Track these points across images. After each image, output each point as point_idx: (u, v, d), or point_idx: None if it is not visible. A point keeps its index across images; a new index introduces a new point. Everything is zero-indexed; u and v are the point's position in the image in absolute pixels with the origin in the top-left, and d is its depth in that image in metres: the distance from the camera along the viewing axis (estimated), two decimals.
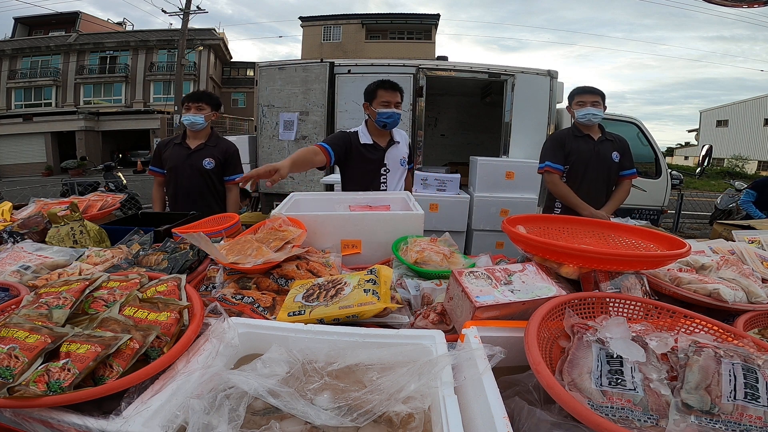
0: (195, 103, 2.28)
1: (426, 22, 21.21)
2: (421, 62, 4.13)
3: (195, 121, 2.28)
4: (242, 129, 6.64)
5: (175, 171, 2.32)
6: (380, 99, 1.98)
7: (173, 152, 2.34)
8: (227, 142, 2.43)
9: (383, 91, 1.99)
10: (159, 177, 2.42)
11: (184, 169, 2.30)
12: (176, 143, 2.36)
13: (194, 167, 2.29)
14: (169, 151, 2.35)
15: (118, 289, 0.82)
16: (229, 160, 2.36)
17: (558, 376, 0.61)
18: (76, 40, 22.41)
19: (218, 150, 2.34)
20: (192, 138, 2.35)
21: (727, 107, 26.58)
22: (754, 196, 3.70)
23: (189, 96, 2.33)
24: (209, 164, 2.30)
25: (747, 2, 3.06)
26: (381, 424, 0.57)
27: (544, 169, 2.45)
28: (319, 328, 0.78)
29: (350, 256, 1.37)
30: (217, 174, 2.34)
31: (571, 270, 0.94)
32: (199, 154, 2.30)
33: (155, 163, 2.42)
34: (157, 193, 2.46)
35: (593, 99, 2.31)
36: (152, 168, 2.44)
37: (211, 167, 2.30)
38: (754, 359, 0.58)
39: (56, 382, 0.57)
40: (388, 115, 1.98)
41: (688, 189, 8.94)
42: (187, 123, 2.30)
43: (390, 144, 2.09)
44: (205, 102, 2.31)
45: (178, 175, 2.31)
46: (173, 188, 2.35)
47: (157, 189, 2.46)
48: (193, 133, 2.35)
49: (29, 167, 18.55)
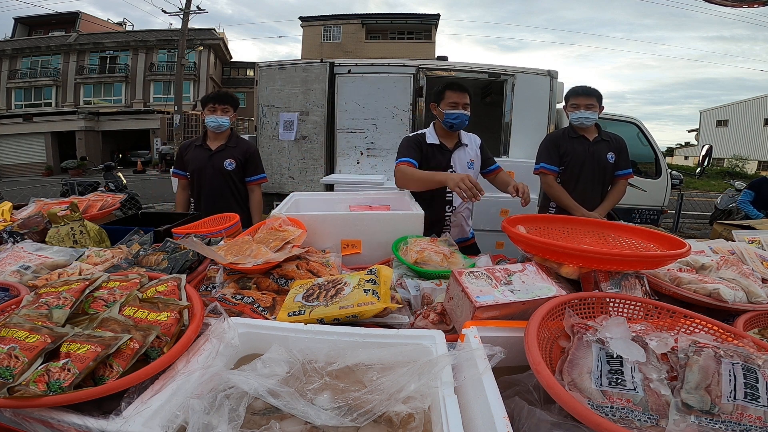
0: (221, 105, 2.24)
1: (426, 22, 21.21)
2: (421, 62, 4.13)
3: (221, 124, 2.25)
4: (242, 129, 6.65)
5: (197, 173, 2.30)
6: (448, 100, 1.96)
7: (194, 154, 2.32)
8: (247, 142, 2.40)
9: (451, 92, 1.96)
10: (182, 180, 2.40)
11: (206, 171, 2.28)
12: (197, 145, 2.34)
13: (215, 168, 2.28)
14: (190, 153, 2.33)
15: (118, 289, 0.82)
16: (249, 160, 2.34)
17: (558, 376, 0.61)
18: (76, 40, 22.42)
19: (239, 151, 2.32)
20: (212, 139, 2.32)
21: (727, 107, 26.57)
22: (752, 196, 3.71)
23: (212, 97, 2.28)
24: (230, 165, 2.28)
25: (747, 2, 3.06)
26: (381, 424, 0.57)
27: (540, 171, 2.46)
28: (319, 328, 0.78)
29: (350, 256, 1.37)
30: (238, 175, 2.32)
31: (571, 270, 0.94)
32: (220, 155, 2.28)
33: (178, 166, 2.41)
34: (181, 196, 2.44)
35: (587, 102, 2.31)
36: (175, 171, 2.42)
37: (232, 168, 2.28)
38: (754, 359, 0.58)
39: (56, 382, 0.57)
40: (455, 116, 1.95)
41: (688, 189, 8.94)
42: (214, 125, 2.26)
43: (457, 146, 2.04)
44: (229, 104, 2.28)
45: (200, 177, 2.30)
46: (197, 190, 2.34)
47: (180, 192, 2.44)
48: (213, 135, 2.32)
49: (29, 167, 18.54)
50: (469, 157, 2.07)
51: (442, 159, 2.01)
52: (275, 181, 4.30)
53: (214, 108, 2.24)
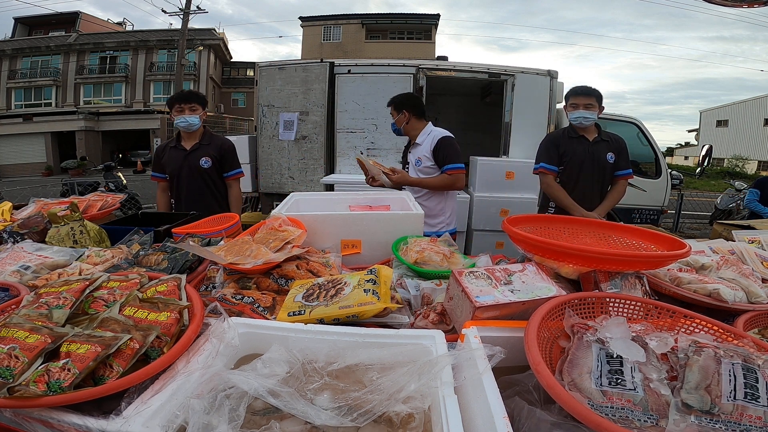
0: (188, 104, 2.25)
1: (426, 22, 21.21)
2: (421, 62, 4.13)
3: (192, 123, 2.26)
4: (242, 129, 6.64)
5: (175, 174, 2.32)
6: None
7: (170, 156, 2.33)
8: (221, 138, 2.42)
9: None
10: (162, 182, 2.42)
11: (183, 171, 2.30)
12: (172, 146, 2.35)
13: (192, 168, 2.29)
14: (166, 155, 2.35)
15: (118, 289, 0.82)
16: (225, 156, 2.35)
17: (558, 376, 0.61)
18: (76, 40, 22.41)
19: (213, 147, 2.33)
20: (186, 139, 2.33)
21: (727, 107, 26.56)
22: (758, 194, 3.69)
23: (178, 97, 2.28)
24: (206, 163, 2.29)
25: (747, 2, 3.06)
26: (381, 424, 0.57)
27: (539, 170, 2.46)
28: (319, 328, 0.78)
29: (350, 256, 1.37)
30: (215, 172, 2.33)
31: (571, 270, 0.94)
32: (195, 154, 2.29)
33: (156, 169, 2.42)
34: (161, 198, 2.46)
35: (587, 101, 2.31)
36: (154, 174, 2.44)
37: (208, 166, 2.30)
38: (754, 359, 0.58)
39: (56, 382, 0.57)
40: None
41: (688, 189, 8.94)
42: (184, 125, 2.27)
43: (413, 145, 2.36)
44: (196, 102, 2.29)
45: (178, 178, 2.31)
46: (176, 191, 2.36)
47: (160, 194, 2.46)
48: (187, 134, 2.33)
49: (29, 167, 18.55)
50: (418, 155, 2.32)
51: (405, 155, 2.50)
52: (275, 181, 4.30)
53: (182, 108, 2.25)
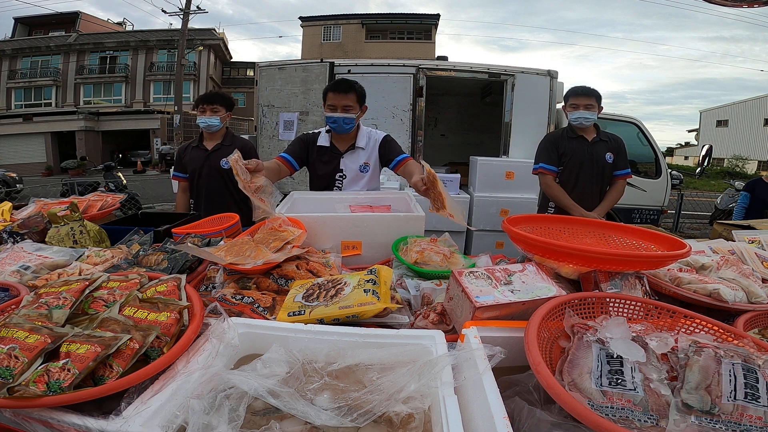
0: (210, 105, 2.29)
1: (426, 22, 21.23)
2: (421, 62, 4.13)
3: (211, 124, 2.30)
4: (242, 129, 6.65)
5: (195, 174, 2.35)
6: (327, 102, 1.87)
7: (192, 155, 2.37)
8: (243, 140, 2.45)
9: (332, 93, 1.84)
10: (182, 182, 2.44)
11: (203, 171, 2.33)
12: (194, 146, 2.39)
13: (213, 168, 2.32)
14: (188, 155, 2.38)
15: (118, 290, 0.82)
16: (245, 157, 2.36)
17: (558, 376, 0.61)
18: (76, 40, 22.42)
19: (234, 148, 2.34)
20: (208, 139, 2.37)
21: (727, 107, 26.57)
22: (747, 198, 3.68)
23: (202, 98, 2.33)
24: (226, 164, 2.30)
25: (747, 2, 3.07)
26: (381, 424, 0.57)
27: (538, 171, 2.47)
28: (319, 328, 0.78)
29: (350, 256, 1.36)
30: None
31: (571, 270, 0.94)
32: (216, 154, 2.32)
33: (178, 169, 2.44)
34: (181, 199, 2.48)
35: (587, 102, 2.32)
36: (175, 173, 2.46)
37: (228, 167, 2.31)
38: (754, 359, 0.58)
39: (56, 382, 0.57)
40: (333, 120, 1.86)
41: (688, 189, 8.95)
42: (204, 125, 2.31)
43: (350, 149, 1.96)
44: (219, 103, 2.32)
45: (198, 178, 2.34)
46: (195, 191, 2.39)
47: (181, 194, 2.48)
48: (209, 135, 2.37)
49: (29, 167, 18.52)
50: (362, 160, 1.96)
51: (331, 163, 1.93)
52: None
53: (204, 109, 2.29)
